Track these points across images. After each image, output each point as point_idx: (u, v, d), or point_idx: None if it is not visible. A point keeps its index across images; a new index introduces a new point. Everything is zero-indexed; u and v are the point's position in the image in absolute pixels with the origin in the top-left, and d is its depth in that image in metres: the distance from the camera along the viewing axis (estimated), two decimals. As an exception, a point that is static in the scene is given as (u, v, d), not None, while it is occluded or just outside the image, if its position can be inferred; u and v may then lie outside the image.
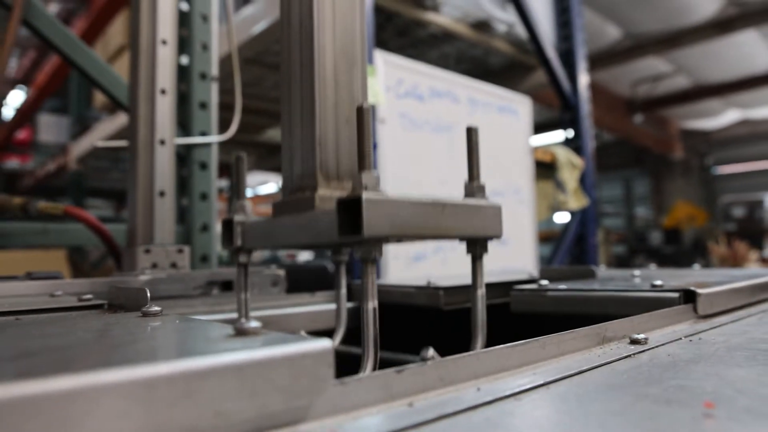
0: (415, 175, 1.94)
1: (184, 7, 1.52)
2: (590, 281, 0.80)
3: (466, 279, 0.87)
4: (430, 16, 2.53)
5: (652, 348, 0.42)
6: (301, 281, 1.16)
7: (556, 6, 2.86)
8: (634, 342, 0.43)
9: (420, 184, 1.95)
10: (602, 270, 1.19)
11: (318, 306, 0.89)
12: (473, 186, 0.53)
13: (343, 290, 0.71)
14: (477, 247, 0.55)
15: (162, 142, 1.04)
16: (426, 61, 3.10)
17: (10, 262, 1.77)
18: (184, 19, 1.50)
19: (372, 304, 0.46)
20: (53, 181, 5.45)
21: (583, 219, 2.68)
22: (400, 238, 0.48)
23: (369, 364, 0.46)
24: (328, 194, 0.56)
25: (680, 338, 0.46)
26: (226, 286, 0.88)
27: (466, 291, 0.85)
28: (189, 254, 1.02)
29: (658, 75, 7.80)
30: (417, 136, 1.98)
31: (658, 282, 0.61)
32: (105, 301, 0.52)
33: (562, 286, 0.68)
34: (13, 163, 6.21)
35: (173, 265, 0.99)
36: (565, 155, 2.54)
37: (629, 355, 0.39)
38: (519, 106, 2.41)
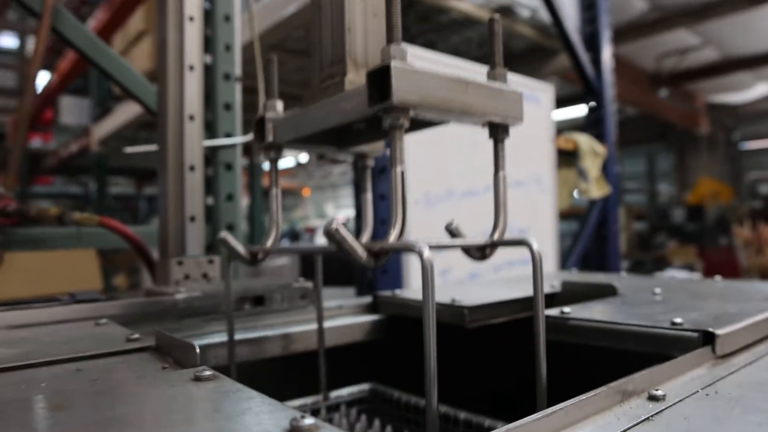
0: (437, 168, 1.95)
1: (206, 6, 1.53)
2: (611, 303, 0.82)
3: (488, 297, 0.89)
4: (452, 2, 2.50)
5: (670, 407, 0.44)
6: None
7: (580, -12, 2.80)
8: (652, 398, 0.46)
9: (442, 177, 1.96)
10: (623, 277, 1.20)
11: (346, 319, 0.92)
12: (495, 72, 0.57)
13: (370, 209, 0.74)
14: (499, 131, 0.58)
15: (192, 168, 1.07)
16: (448, 45, 3.07)
17: (47, 260, 1.84)
18: (207, 19, 1.52)
19: (400, 168, 0.49)
20: (76, 161, 5.56)
21: (604, 205, 2.66)
22: (426, 111, 0.50)
23: (396, 227, 0.48)
24: (357, 79, 0.60)
25: (697, 391, 0.48)
26: (258, 301, 0.91)
27: (490, 309, 0.87)
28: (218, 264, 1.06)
29: (685, 48, 7.58)
30: (438, 132, 1.98)
31: (678, 320, 0.62)
32: (151, 343, 0.56)
33: (584, 314, 0.70)
34: (36, 142, 6.33)
35: (204, 276, 1.03)
36: (587, 143, 2.52)
37: (648, 418, 0.41)
38: (541, 94, 2.39)
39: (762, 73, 8.34)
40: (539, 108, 2.41)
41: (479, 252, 0.58)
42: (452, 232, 0.63)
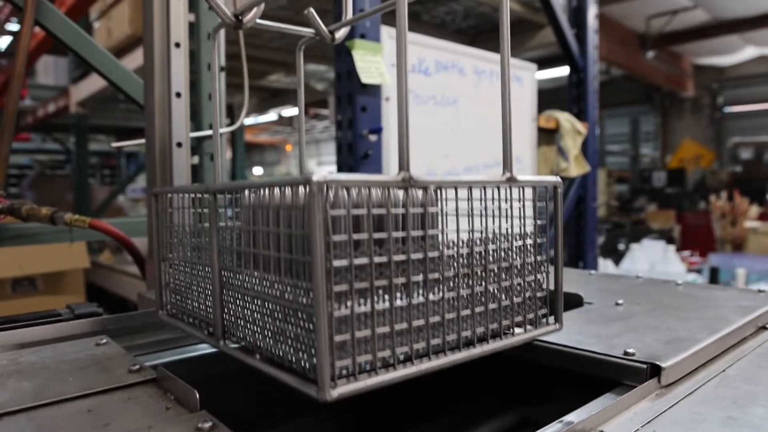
0: (419, 150, 1.99)
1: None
2: (576, 318, 0.89)
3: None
4: (439, -24, 2.48)
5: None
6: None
7: (568, -40, 2.77)
8: (597, 439, 0.52)
9: (424, 158, 2.00)
10: (592, 277, 1.27)
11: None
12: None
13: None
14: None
15: (179, 145, 1.09)
16: (434, 18, 3.04)
17: (37, 252, 1.87)
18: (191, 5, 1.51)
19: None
20: (54, 120, 5.46)
21: (583, 182, 2.73)
22: None
23: None
24: None
25: (638, 429, 0.55)
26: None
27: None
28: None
29: (674, 9, 7.53)
30: (422, 110, 2.00)
31: (631, 349, 0.69)
32: (153, 375, 0.61)
33: (549, 339, 0.77)
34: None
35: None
36: (568, 121, 2.56)
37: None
38: (524, 73, 2.41)
39: (750, 37, 8.33)
40: (522, 87, 2.43)
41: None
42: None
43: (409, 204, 0.50)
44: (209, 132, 1.49)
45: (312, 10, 0.77)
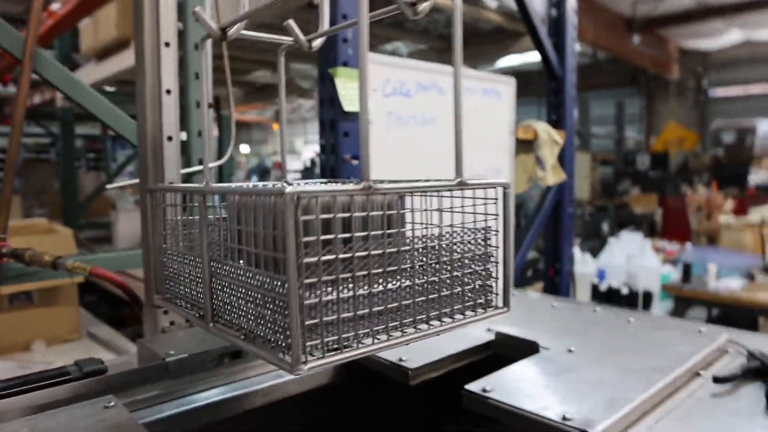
0: (400, 171, 2.07)
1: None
2: (528, 371, 1.00)
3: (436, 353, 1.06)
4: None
5: None
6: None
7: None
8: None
9: (405, 176, 2.08)
10: (555, 308, 1.38)
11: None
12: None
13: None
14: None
15: (170, 139, 1.17)
16: (415, 27, 3.09)
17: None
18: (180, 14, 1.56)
19: None
20: (41, 109, 5.45)
21: (560, 188, 2.84)
22: None
23: None
24: None
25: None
26: (235, 355, 1.07)
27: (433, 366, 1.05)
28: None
29: (661, -7, 7.57)
30: (403, 131, 2.08)
31: (569, 414, 0.80)
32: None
33: (503, 392, 0.87)
34: (-3, 87, 6.15)
35: (187, 320, 1.18)
36: (546, 132, 2.64)
37: None
38: (503, 87, 2.48)
39: (735, 21, 8.40)
40: (500, 101, 2.51)
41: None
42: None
43: (369, 209, 0.60)
44: (198, 168, 1.56)
45: (292, 21, 0.84)
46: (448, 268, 0.68)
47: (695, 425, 0.83)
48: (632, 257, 3.94)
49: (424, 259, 0.65)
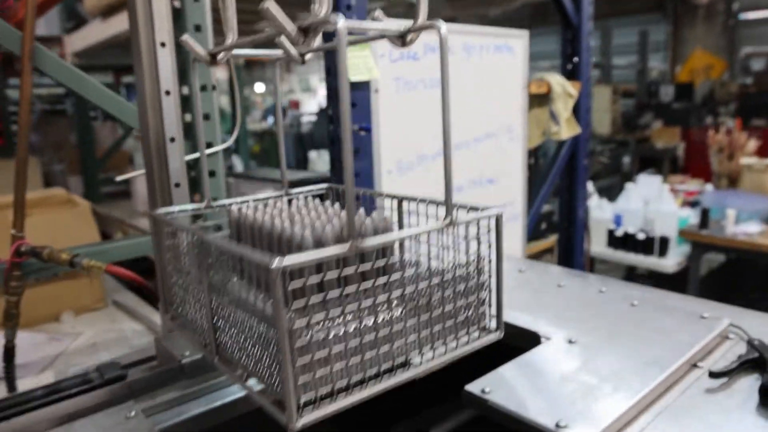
0: (408, 135, 2.05)
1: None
2: (528, 367, 1.03)
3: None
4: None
5: None
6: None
7: None
8: None
9: (414, 142, 2.07)
10: (562, 288, 1.39)
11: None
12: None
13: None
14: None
15: (173, 140, 1.19)
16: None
17: (43, 221, 1.99)
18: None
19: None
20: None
21: (575, 141, 2.79)
22: None
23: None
24: None
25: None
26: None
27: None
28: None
29: None
30: (411, 95, 2.04)
31: (563, 423, 0.84)
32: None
33: (500, 394, 0.91)
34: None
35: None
36: (560, 85, 2.57)
37: None
38: (515, 41, 2.39)
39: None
40: (513, 56, 2.43)
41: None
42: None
43: (357, 266, 0.61)
44: (209, 151, 1.57)
45: (283, 37, 0.83)
46: (440, 307, 0.70)
47: (687, 425, 0.86)
48: (650, 202, 3.89)
49: (415, 300, 0.67)
